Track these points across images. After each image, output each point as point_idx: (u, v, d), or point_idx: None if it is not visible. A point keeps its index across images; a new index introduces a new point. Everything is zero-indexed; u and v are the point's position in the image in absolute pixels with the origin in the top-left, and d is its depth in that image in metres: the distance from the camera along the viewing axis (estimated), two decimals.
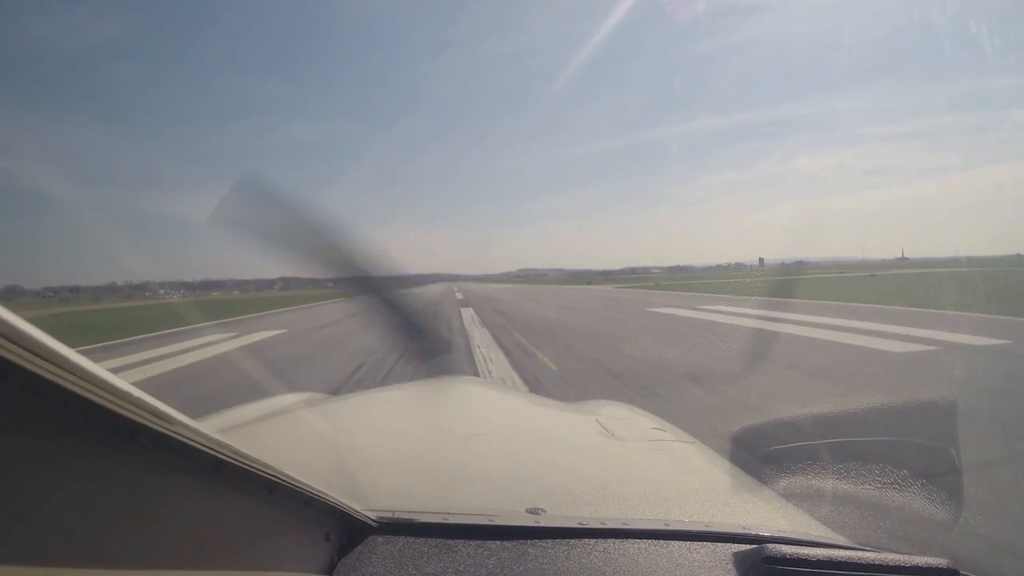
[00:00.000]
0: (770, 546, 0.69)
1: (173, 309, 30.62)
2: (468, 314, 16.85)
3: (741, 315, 13.53)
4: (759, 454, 1.26)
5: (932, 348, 7.31)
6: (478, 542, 0.73)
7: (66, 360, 0.29)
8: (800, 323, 10.68)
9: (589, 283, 65.68)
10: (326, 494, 0.62)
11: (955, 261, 79.45)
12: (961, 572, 0.66)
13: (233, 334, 13.66)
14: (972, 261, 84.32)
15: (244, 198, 1.07)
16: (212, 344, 11.73)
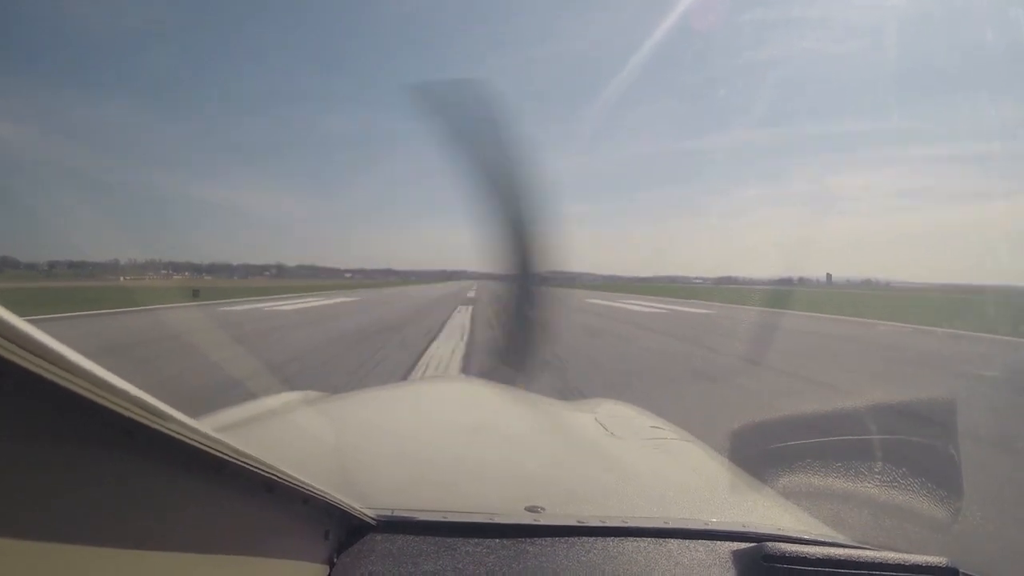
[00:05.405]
0: (770, 544, 0.69)
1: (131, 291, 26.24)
2: None
3: None
4: (759, 452, 1.22)
5: None
6: (477, 540, 0.73)
7: (63, 359, 0.29)
8: None
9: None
10: (325, 492, 0.62)
11: None
12: (961, 571, 0.66)
13: None
14: None
15: (462, 97, 1.11)
16: None
